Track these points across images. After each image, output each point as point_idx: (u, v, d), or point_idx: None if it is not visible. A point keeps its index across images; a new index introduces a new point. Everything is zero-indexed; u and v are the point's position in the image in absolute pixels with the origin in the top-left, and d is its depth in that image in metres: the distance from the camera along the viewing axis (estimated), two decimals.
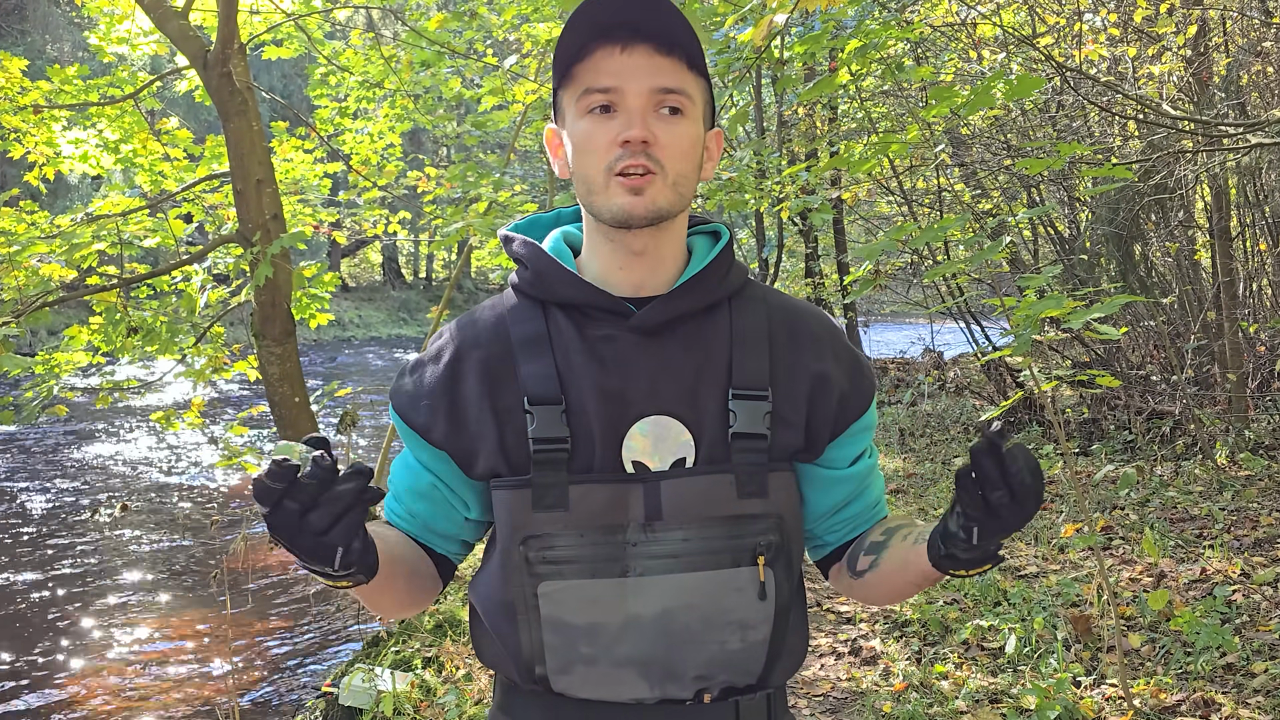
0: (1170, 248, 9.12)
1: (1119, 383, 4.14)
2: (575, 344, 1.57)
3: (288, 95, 28.16)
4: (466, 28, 8.23)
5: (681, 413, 1.55)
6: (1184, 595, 5.44)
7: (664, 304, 1.56)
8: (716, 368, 1.57)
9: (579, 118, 1.54)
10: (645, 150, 1.50)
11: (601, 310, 1.58)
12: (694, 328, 1.59)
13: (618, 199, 1.51)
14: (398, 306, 40.12)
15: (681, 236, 1.64)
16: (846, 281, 10.96)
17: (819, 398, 1.62)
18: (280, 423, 6.73)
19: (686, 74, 1.53)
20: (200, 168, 8.31)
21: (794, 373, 1.61)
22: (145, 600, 7.92)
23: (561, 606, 1.53)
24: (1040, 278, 3.72)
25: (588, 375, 1.55)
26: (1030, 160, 3.55)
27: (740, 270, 1.67)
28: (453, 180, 7.36)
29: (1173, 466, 7.92)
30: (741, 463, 1.54)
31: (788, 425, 1.59)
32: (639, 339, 1.56)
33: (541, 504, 1.51)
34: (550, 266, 1.61)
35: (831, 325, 1.71)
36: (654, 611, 1.52)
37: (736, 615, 1.55)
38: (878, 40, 4.91)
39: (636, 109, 1.50)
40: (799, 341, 1.64)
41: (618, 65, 1.51)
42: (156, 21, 6.78)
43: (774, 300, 1.69)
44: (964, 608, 5.69)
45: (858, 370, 1.68)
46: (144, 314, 7.21)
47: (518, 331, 1.60)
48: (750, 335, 1.61)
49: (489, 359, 1.59)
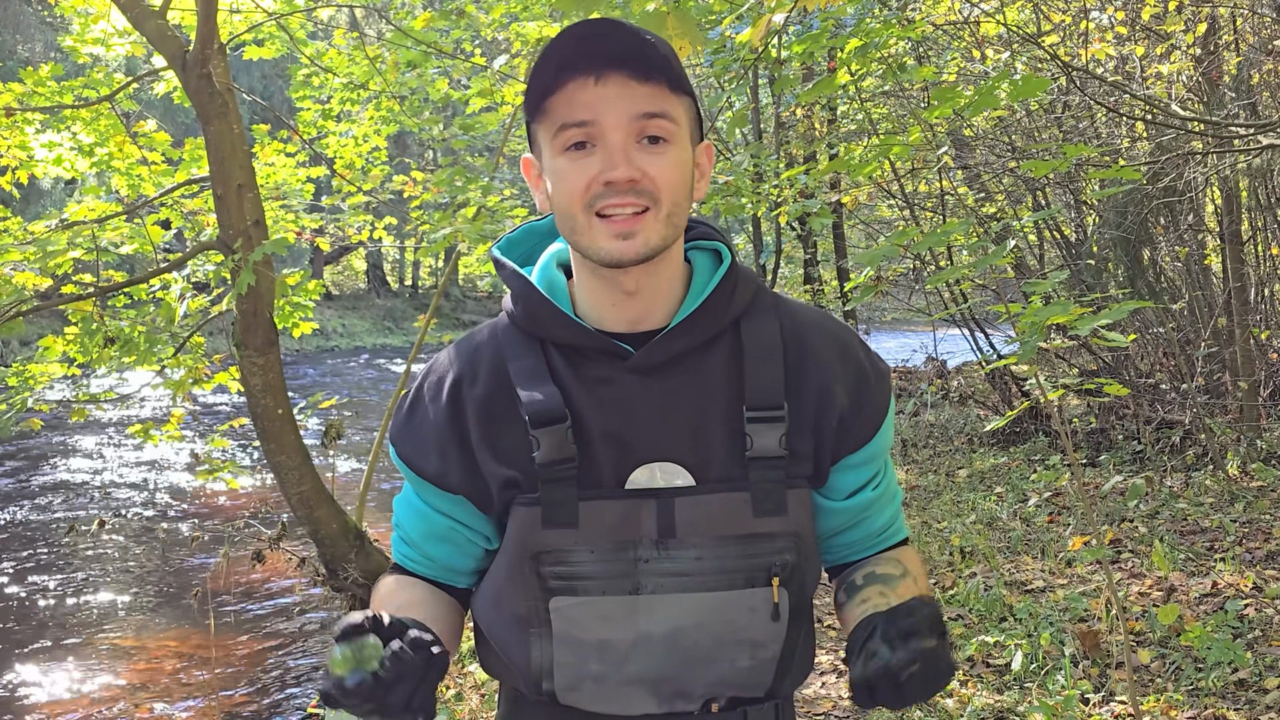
0: (1180, 252, 9.15)
1: (1127, 391, 4.17)
2: (573, 384, 1.55)
3: (269, 97, 28.16)
4: (454, 27, 8.24)
5: (683, 457, 1.54)
6: (1195, 610, 5.46)
7: (663, 344, 1.55)
8: (722, 396, 1.56)
9: (555, 155, 1.50)
10: (634, 188, 1.46)
11: (597, 351, 1.56)
12: (696, 360, 1.57)
13: (604, 243, 1.49)
14: (383, 315, 40.02)
15: (678, 264, 1.61)
16: (847, 288, 10.97)
17: (822, 420, 1.60)
18: (263, 435, 6.73)
19: (669, 96, 1.50)
20: (179, 172, 8.29)
21: (803, 393, 1.59)
22: (124, 620, 7.91)
23: (573, 623, 1.54)
24: (1046, 283, 3.74)
25: (588, 413, 1.54)
26: (1035, 162, 3.57)
27: (747, 286, 1.63)
28: (440, 185, 7.36)
29: (1183, 477, 7.94)
30: (759, 480, 1.53)
31: (797, 454, 1.58)
32: (638, 379, 1.55)
33: (551, 521, 1.52)
34: (540, 305, 1.59)
35: (842, 335, 1.67)
36: (665, 630, 1.53)
37: (748, 635, 1.55)
38: (878, 39, 4.93)
39: (617, 144, 1.47)
40: (805, 360, 1.61)
41: (592, 96, 1.47)
42: (133, 21, 6.77)
43: (785, 311, 1.65)
44: (969, 623, 5.70)
45: (862, 389, 1.63)
46: (121, 324, 7.20)
47: (516, 367, 1.58)
48: (763, 350, 1.58)
49: (490, 398, 1.58)
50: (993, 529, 7.52)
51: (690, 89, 1.53)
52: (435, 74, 8.63)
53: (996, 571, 6.41)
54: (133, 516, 11.08)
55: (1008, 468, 9.42)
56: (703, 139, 1.61)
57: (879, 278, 11.35)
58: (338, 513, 6.90)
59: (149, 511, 11.33)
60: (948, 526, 7.69)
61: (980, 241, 6.65)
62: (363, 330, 37.89)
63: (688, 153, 1.53)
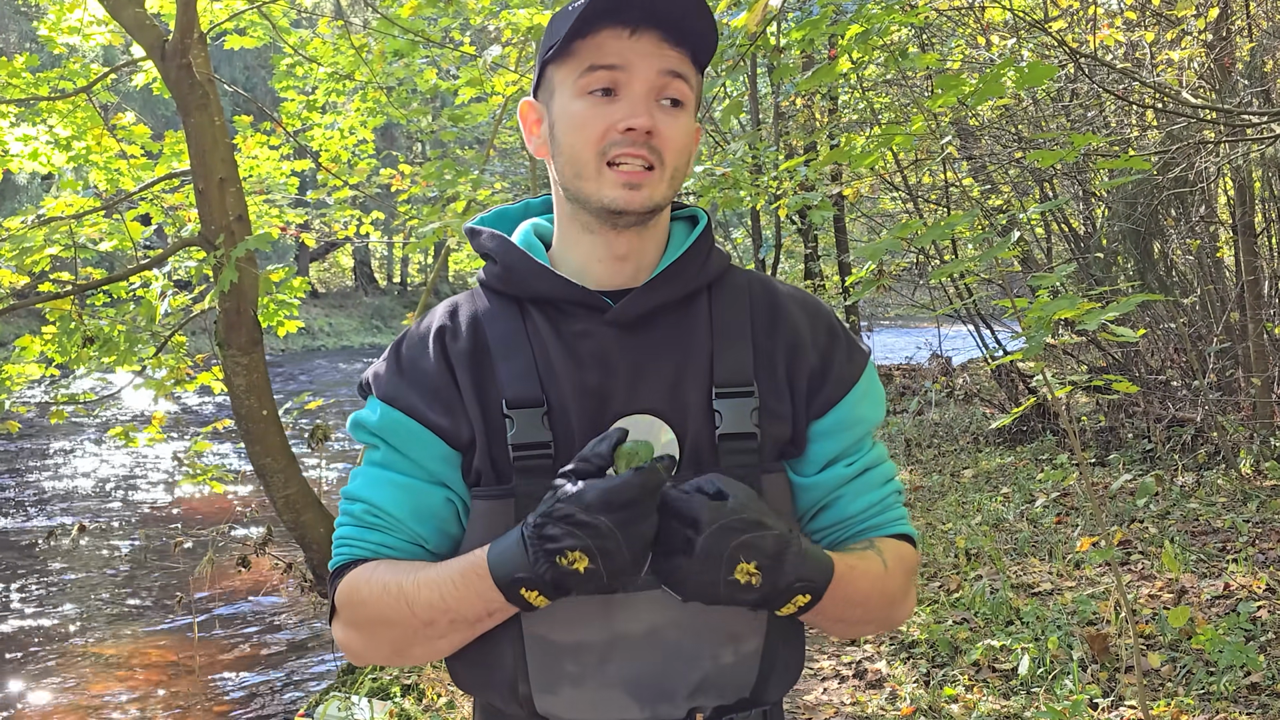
0: (1191, 245, 9.16)
1: (1137, 388, 4.17)
2: (552, 341, 1.56)
3: (251, 88, 28.18)
4: (442, 14, 8.22)
5: (664, 410, 1.54)
6: (1206, 612, 5.47)
7: (641, 295, 1.56)
8: (698, 364, 1.57)
9: (576, 96, 1.53)
10: (648, 141, 1.51)
11: (576, 305, 1.57)
12: (674, 321, 1.59)
13: (610, 191, 1.52)
14: (371, 314, 40.06)
15: (665, 229, 1.65)
16: (848, 283, 11.00)
17: (795, 377, 1.61)
18: (247, 438, 6.73)
19: (689, 66, 1.55)
20: (159, 166, 8.29)
21: (773, 359, 1.60)
22: (105, 628, 7.92)
23: (545, 624, 1.52)
24: (1053, 277, 3.75)
25: (566, 374, 1.54)
26: (1042, 153, 3.57)
27: (721, 256, 1.66)
28: (428, 178, 7.35)
29: (1194, 476, 7.95)
30: (731, 465, 1.53)
31: (775, 418, 1.58)
32: (617, 333, 1.56)
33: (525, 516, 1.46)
34: (521, 260, 1.61)
35: (816, 305, 1.69)
36: (642, 629, 1.52)
37: (727, 628, 1.54)
38: (880, 25, 4.93)
39: (641, 95, 1.51)
40: (777, 324, 1.63)
41: (624, 46, 1.51)
42: (110, 9, 6.76)
43: (757, 286, 1.68)
44: (974, 627, 5.72)
45: (832, 349, 1.64)
46: (100, 323, 7.19)
47: (493, 331, 1.58)
48: (732, 326, 1.60)
49: (473, 352, 1.58)
50: (999, 530, 7.54)
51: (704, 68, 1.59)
52: (423, 63, 8.61)
53: (1003, 574, 6.43)
54: (113, 522, 11.08)
55: (1014, 467, 9.44)
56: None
57: (881, 272, 11.37)
58: (325, 517, 6.90)
59: (130, 517, 11.34)
60: (953, 528, 7.70)
61: (985, 234, 6.67)
62: (350, 329, 37.92)
63: (694, 124, 1.58)
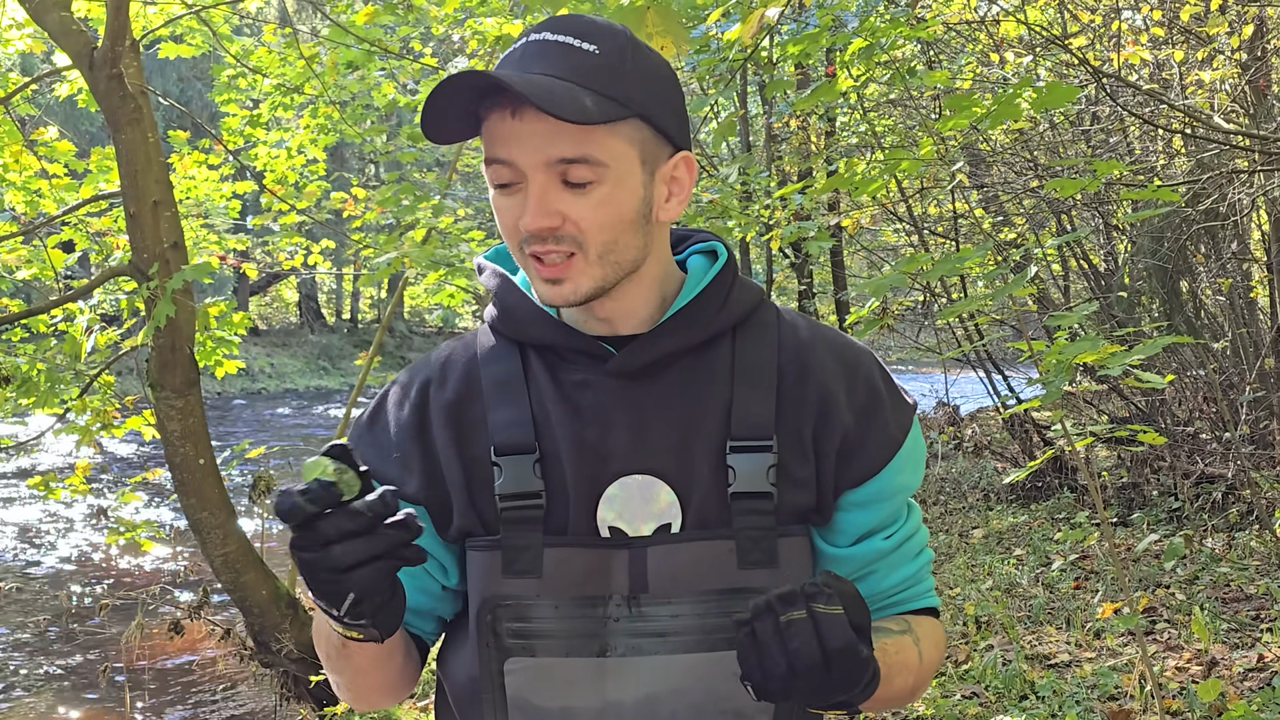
0: (1222, 284, 9.21)
1: (1163, 440, 4.20)
2: (550, 390, 1.56)
3: (188, 101, 28.15)
4: (401, 22, 8.24)
5: (666, 470, 1.53)
6: (1238, 686, 5.49)
7: (646, 344, 1.55)
8: (713, 415, 1.55)
9: (490, 186, 1.52)
10: (556, 234, 1.47)
11: (578, 353, 1.57)
12: (687, 367, 1.57)
13: (537, 286, 1.53)
14: (317, 353, 39.87)
15: (654, 278, 1.61)
16: (848, 323, 11.03)
17: (823, 441, 1.58)
18: (182, 488, 6.71)
19: (594, 132, 1.46)
20: (85, 186, 8.27)
21: (801, 413, 1.57)
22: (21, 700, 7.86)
23: (529, 688, 1.53)
24: (1072, 317, 3.78)
25: (562, 424, 1.54)
26: (1061, 181, 3.62)
27: (748, 292, 1.63)
28: (384, 203, 7.33)
29: (1225, 538, 7.98)
30: (745, 526, 1.52)
31: (795, 483, 1.56)
32: (618, 384, 1.55)
33: (512, 569, 1.50)
34: (519, 303, 1.61)
35: (854, 353, 1.65)
36: (636, 697, 1.52)
37: (732, 704, 1.53)
38: (884, 40, 4.97)
39: (535, 190, 1.47)
40: (807, 375, 1.59)
41: (509, 131, 1.47)
42: (32, 12, 6.75)
43: (788, 327, 1.64)
44: (985, 702, 5.72)
45: (873, 411, 1.61)
46: (18, 360, 7.17)
47: (489, 374, 1.60)
48: (753, 372, 1.57)
49: (458, 403, 1.59)
50: (1012, 596, 7.55)
51: (642, 104, 1.52)
52: (380, 76, 8.63)
53: (1016, 644, 6.43)
54: (31, 582, 11.01)
55: (1028, 527, 9.45)
56: (679, 149, 1.59)
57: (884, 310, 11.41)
58: (267, 577, 6.88)
59: (50, 575, 11.26)
60: (961, 593, 7.71)
61: (998, 270, 6.71)
62: (294, 370, 37.74)
63: (628, 183, 1.50)
